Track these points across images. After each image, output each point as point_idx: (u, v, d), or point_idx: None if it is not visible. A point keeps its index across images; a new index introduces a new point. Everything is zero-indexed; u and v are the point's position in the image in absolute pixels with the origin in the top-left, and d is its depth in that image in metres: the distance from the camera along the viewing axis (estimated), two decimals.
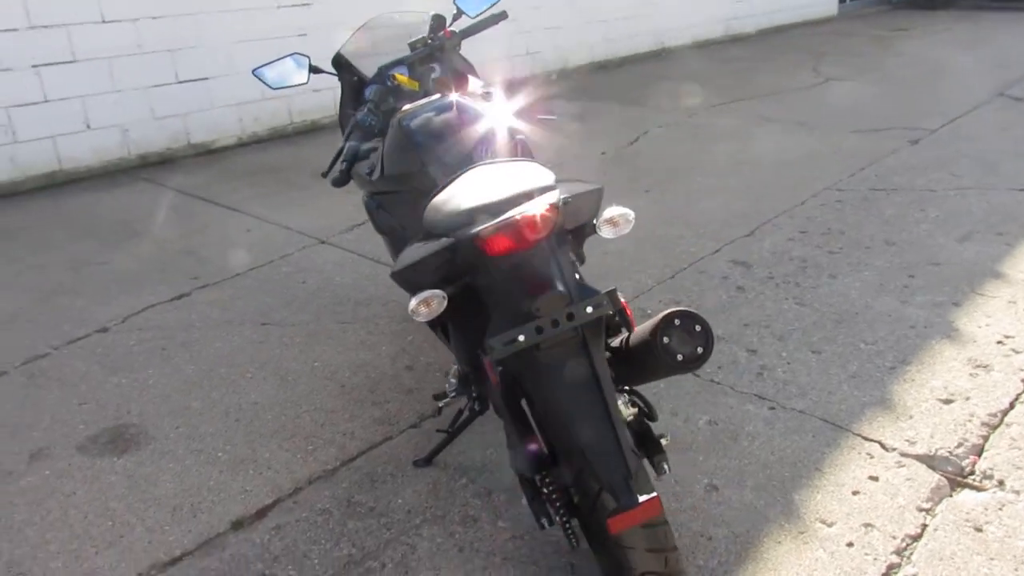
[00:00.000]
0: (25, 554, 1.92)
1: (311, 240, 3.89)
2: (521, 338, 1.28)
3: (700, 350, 1.49)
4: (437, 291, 1.36)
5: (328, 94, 6.25)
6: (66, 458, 2.28)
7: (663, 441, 1.72)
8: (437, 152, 1.96)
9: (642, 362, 1.52)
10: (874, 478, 2.10)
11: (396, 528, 1.98)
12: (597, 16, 8.33)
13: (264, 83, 2.45)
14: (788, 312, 3.00)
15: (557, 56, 8.09)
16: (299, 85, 2.47)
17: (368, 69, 2.49)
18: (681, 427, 2.33)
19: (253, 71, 2.46)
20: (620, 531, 1.26)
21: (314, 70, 2.47)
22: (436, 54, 2.36)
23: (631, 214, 1.44)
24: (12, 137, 4.76)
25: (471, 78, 2.51)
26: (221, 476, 2.19)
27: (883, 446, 2.22)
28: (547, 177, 1.43)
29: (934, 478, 2.09)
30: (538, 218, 1.23)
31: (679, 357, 1.49)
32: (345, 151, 2.17)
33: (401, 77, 2.39)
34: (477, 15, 2.52)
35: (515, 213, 1.26)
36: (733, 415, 2.38)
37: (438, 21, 2.50)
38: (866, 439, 2.25)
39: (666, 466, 1.66)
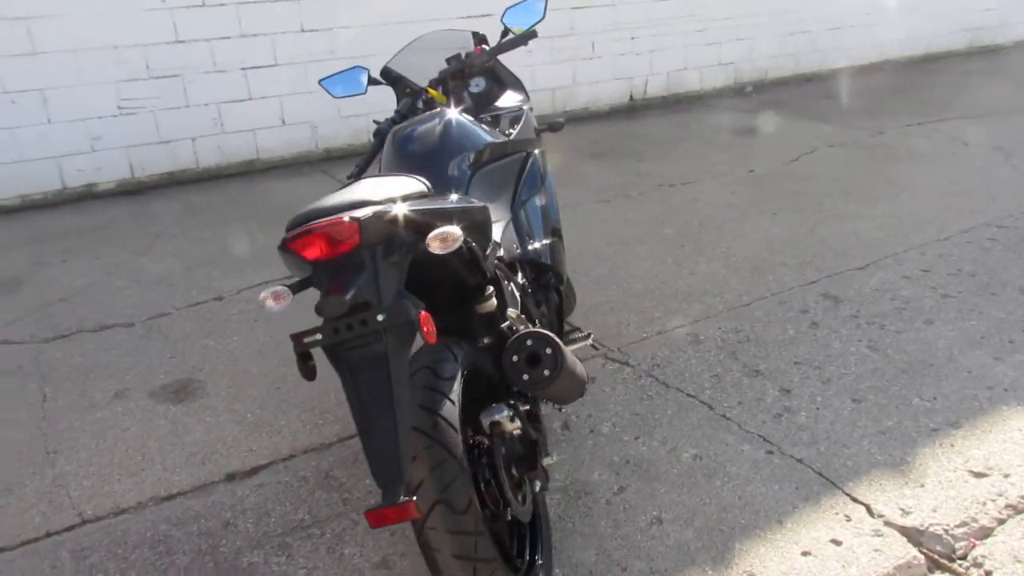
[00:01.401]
0: (71, 471, 2.36)
1: None
2: (318, 336, 1.40)
3: (546, 372, 1.51)
4: (283, 288, 1.49)
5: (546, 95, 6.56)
6: (137, 400, 2.72)
7: (547, 460, 1.73)
8: (420, 164, 2.10)
9: (501, 378, 1.56)
10: (836, 542, 1.92)
11: (351, 504, 2.17)
12: (802, 26, 7.87)
13: (329, 92, 2.73)
14: (851, 355, 2.76)
15: (753, 67, 7.77)
16: (358, 95, 2.72)
17: (418, 81, 2.68)
18: (663, 457, 2.27)
19: (320, 81, 2.74)
20: (376, 526, 1.33)
21: (372, 81, 2.70)
22: (472, 69, 2.48)
23: (457, 232, 1.47)
24: (220, 129, 5.58)
25: (509, 92, 2.62)
26: (239, 434, 2.51)
27: (869, 510, 2.02)
28: (392, 192, 1.49)
29: (910, 554, 1.87)
30: (329, 230, 1.31)
31: (524, 377, 1.52)
32: (362, 158, 2.37)
33: (432, 91, 2.56)
34: (528, 29, 2.61)
35: (316, 224, 1.37)
36: (723, 453, 2.28)
37: (478, 39, 2.63)
38: (854, 500, 2.06)
39: (538, 484, 1.68)
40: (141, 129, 5.32)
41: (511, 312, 1.74)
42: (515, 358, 1.52)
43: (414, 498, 1.31)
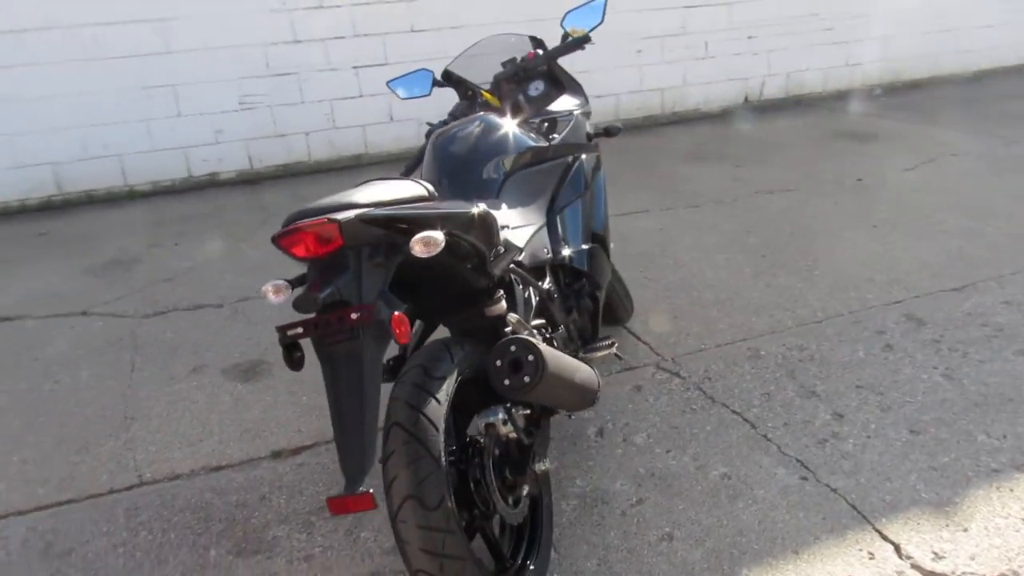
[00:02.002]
0: (140, 437, 2.58)
1: None
2: (300, 329, 1.47)
3: (526, 379, 1.52)
4: (283, 282, 1.57)
5: (611, 100, 6.54)
6: (211, 376, 2.94)
7: (540, 466, 1.74)
8: (454, 167, 2.15)
9: (486, 381, 1.59)
10: None
11: (377, 492, 2.25)
12: (945, 23, 7.34)
13: (395, 93, 2.83)
14: (922, 383, 2.58)
15: (884, 68, 7.33)
16: (422, 96, 2.80)
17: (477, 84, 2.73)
18: (690, 473, 2.22)
19: (388, 83, 2.86)
20: (334, 514, 1.39)
21: (437, 83, 2.77)
22: (525, 72, 2.50)
23: (438, 237, 1.49)
24: (332, 124, 5.86)
25: (565, 96, 2.62)
26: (291, 415, 2.65)
27: (898, 550, 1.90)
28: (387, 195, 1.54)
29: None
30: (305, 231, 1.37)
31: (506, 382, 1.54)
32: (412, 159, 2.45)
33: (487, 94, 2.60)
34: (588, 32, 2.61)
35: (301, 223, 1.43)
36: (754, 474, 2.20)
37: (535, 43, 2.65)
38: (883, 537, 1.94)
39: (526, 488, 1.70)
40: (259, 123, 5.68)
41: (511, 317, 1.76)
42: (498, 362, 1.54)
43: (371, 490, 1.37)
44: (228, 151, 5.67)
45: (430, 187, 1.66)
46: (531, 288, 1.99)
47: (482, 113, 2.31)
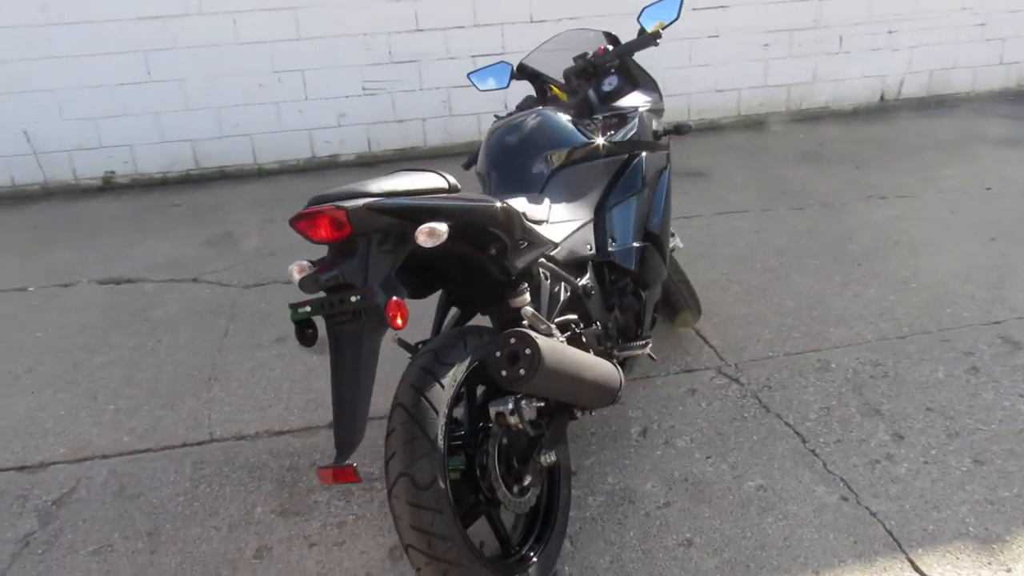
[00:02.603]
0: (219, 397, 2.80)
1: None
2: (308, 308, 1.55)
3: (522, 372, 1.55)
4: (307, 262, 1.65)
5: (733, 95, 6.35)
6: (291, 346, 3.13)
7: (545, 459, 1.77)
8: (502, 160, 2.20)
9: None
10: None
11: None
12: None
13: (475, 85, 2.90)
14: (1000, 410, 2.40)
15: None
16: (500, 89, 2.86)
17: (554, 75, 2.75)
18: (725, 481, 2.18)
19: (468, 75, 2.93)
20: (322, 482, 1.47)
21: (516, 77, 2.82)
22: (595, 67, 2.51)
23: (441, 228, 1.53)
24: (449, 111, 6.03)
25: (636, 93, 2.60)
26: None
27: None
28: (404, 186, 1.59)
29: None
30: (318, 216, 1.45)
31: (503, 373, 1.58)
32: (477, 150, 2.52)
33: (556, 88, 2.63)
34: (662, 29, 2.59)
35: (313, 209, 1.51)
36: (791, 489, 2.13)
37: (609, 38, 2.64)
38: (914, 568, 1.83)
39: (528, 479, 1.73)
40: (380, 109, 5.92)
41: (526, 310, 1.79)
42: (498, 353, 1.58)
43: (355, 464, 1.45)
44: (349, 134, 5.96)
45: (452, 180, 1.71)
46: (562, 283, 2.01)
47: (540, 107, 2.34)
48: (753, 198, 4.51)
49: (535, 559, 1.83)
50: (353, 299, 1.48)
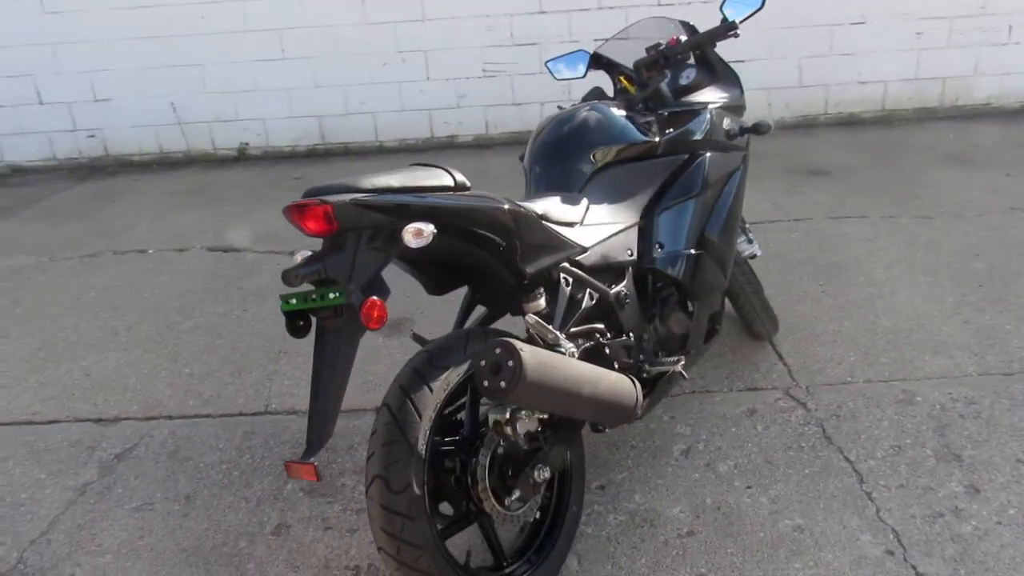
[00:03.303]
0: (282, 371, 2.90)
1: None
2: (293, 301, 1.53)
3: (502, 384, 1.48)
4: (310, 252, 1.63)
5: (877, 87, 5.87)
6: None
7: (540, 475, 1.69)
8: (546, 154, 2.12)
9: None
10: None
11: None
12: None
13: (552, 74, 2.81)
14: None
15: None
16: (577, 78, 2.75)
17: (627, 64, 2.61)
18: (761, 516, 2.01)
19: (546, 62, 2.84)
20: (289, 476, 1.46)
21: (592, 66, 2.71)
22: (665, 59, 2.36)
23: (427, 228, 1.46)
24: (568, 96, 5.90)
25: (710, 88, 2.44)
26: None
27: None
28: (401, 182, 1.53)
29: None
30: (306, 209, 1.42)
31: (485, 383, 1.51)
32: None
33: (624, 80, 2.49)
34: (741, 20, 2.41)
35: (302, 201, 1.48)
36: (833, 534, 1.93)
37: (688, 29, 2.47)
38: None
39: (518, 493, 1.66)
40: (499, 91, 5.91)
41: (530, 317, 1.71)
42: (482, 363, 1.52)
43: (315, 463, 1.44)
44: (468, 115, 6.00)
45: (460, 178, 1.66)
46: (588, 290, 1.90)
47: (596, 101, 2.23)
48: (877, 202, 4.14)
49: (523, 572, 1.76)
50: (332, 296, 1.47)
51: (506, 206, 1.65)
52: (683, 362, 2.00)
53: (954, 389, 2.48)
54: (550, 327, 1.71)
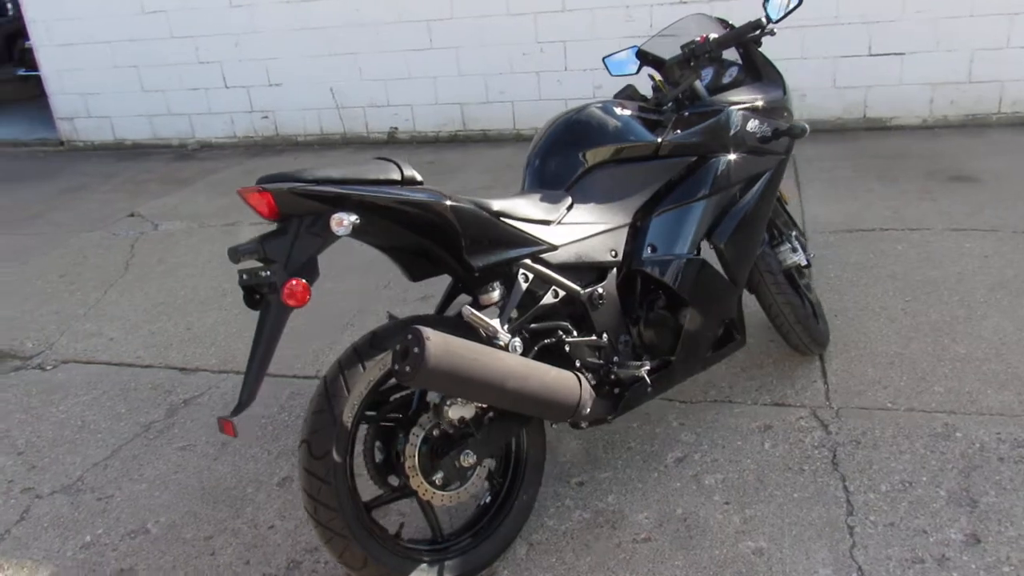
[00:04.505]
0: (342, 342, 3.13)
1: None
2: (245, 277, 1.67)
3: (407, 369, 1.57)
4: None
5: None
6: (429, 306, 3.37)
7: (464, 460, 1.76)
8: (541, 151, 2.15)
9: None
10: None
11: None
12: None
13: (607, 70, 2.81)
14: None
15: None
16: (630, 75, 2.73)
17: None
18: (726, 534, 1.95)
19: (603, 59, 2.84)
20: (220, 431, 1.62)
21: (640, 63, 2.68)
22: (695, 57, 2.31)
23: (347, 218, 1.55)
24: None
25: (745, 88, 2.35)
26: None
27: None
28: (352, 173, 1.63)
29: None
30: (252, 195, 1.55)
31: (395, 366, 1.61)
32: None
33: (657, 78, 2.45)
34: (778, 19, 2.31)
35: (249, 187, 1.60)
36: (792, 564, 1.84)
37: (725, 26, 2.39)
38: None
39: (440, 474, 1.75)
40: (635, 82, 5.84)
41: (465, 309, 1.77)
42: (397, 347, 1.61)
43: (234, 421, 1.61)
44: None
45: (409, 172, 1.74)
46: (552, 287, 1.93)
47: (603, 99, 2.23)
48: (1017, 216, 3.70)
49: (458, 555, 1.84)
50: (263, 274, 1.63)
51: (447, 202, 1.72)
52: (647, 367, 1.97)
53: (1005, 429, 2.22)
54: (487, 320, 1.77)
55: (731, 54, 2.51)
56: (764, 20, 2.26)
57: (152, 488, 2.35)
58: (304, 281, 1.61)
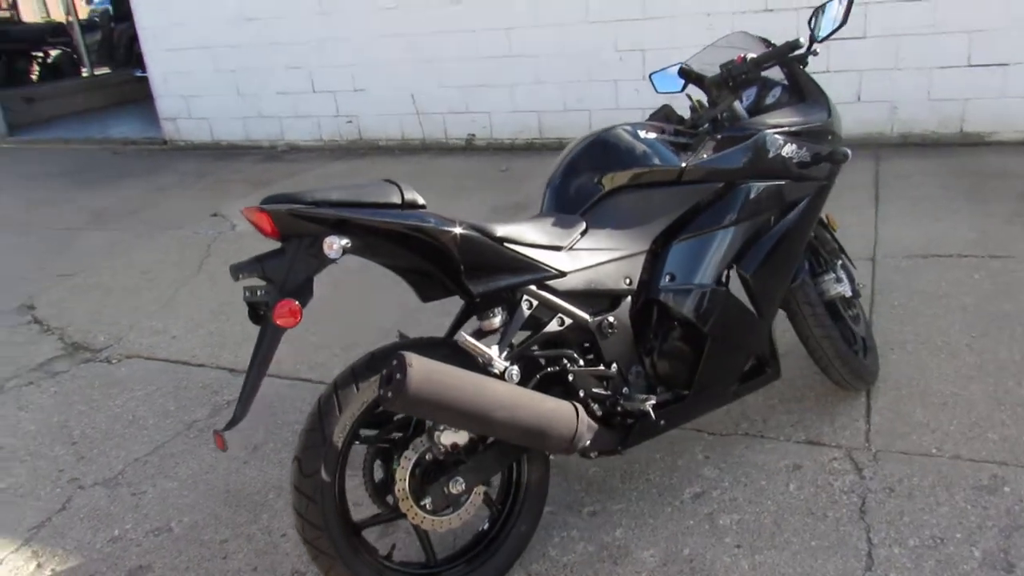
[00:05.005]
0: None
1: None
2: (247, 294, 1.70)
3: (389, 395, 1.57)
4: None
5: None
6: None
7: (453, 488, 1.75)
8: (561, 174, 2.11)
9: None
10: None
11: None
12: None
13: (654, 86, 2.73)
14: None
15: None
16: (676, 92, 2.65)
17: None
18: None
19: (650, 75, 2.76)
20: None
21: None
22: (731, 77, 2.22)
23: (336, 242, 1.55)
24: None
25: (784, 110, 2.25)
26: None
27: None
28: (353, 196, 1.63)
29: None
30: (254, 214, 1.60)
31: (380, 392, 1.62)
32: None
33: (694, 98, 2.37)
34: (823, 39, 2.20)
35: (251, 207, 1.62)
36: None
37: (767, 45, 2.29)
38: None
39: (429, 500, 1.74)
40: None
41: (460, 335, 1.75)
42: (384, 371, 1.62)
43: (223, 435, 1.65)
44: None
45: (410, 196, 1.74)
46: (559, 315, 1.88)
47: (626, 123, 2.17)
48: None
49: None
50: (259, 293, 1.67)
51: (443, 227, 1.71)
52: (652, 401, 1.90)
53: None
54: (482, 347, 1.75)
55: (777, 74, 2.40)
56: (802, 40, 2.15)
57: (182, 487, 2.44)
58: (296, 303, 1.64)
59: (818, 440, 2.33)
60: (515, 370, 1.79)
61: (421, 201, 1.77)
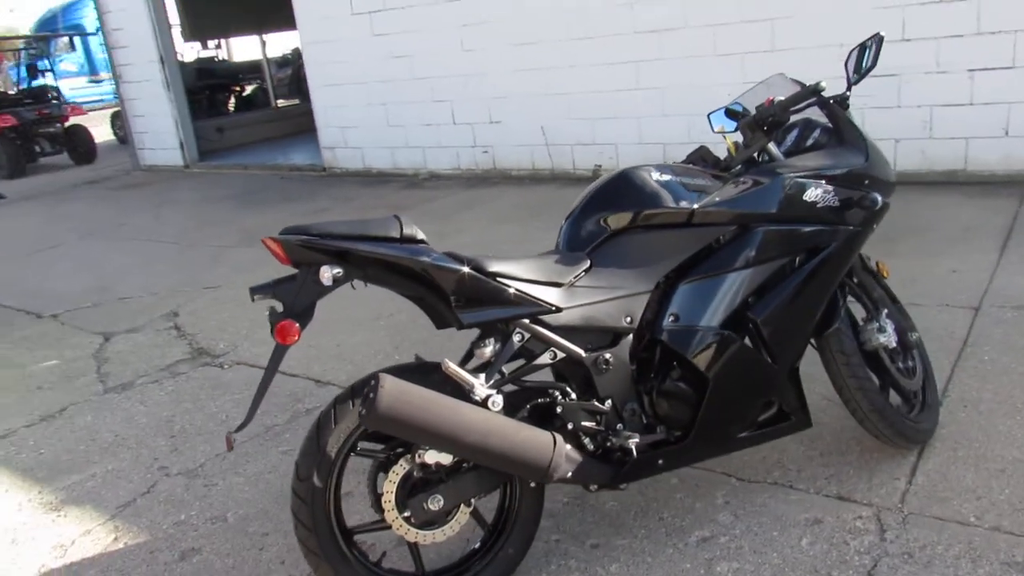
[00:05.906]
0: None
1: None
2: (268, 313, 1.88)
3: (362, 412, 1.72)
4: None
5: None
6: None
7: (431, 505, 1.86)
8: (578, 210, 2.18)
9: None
10: None
11: None
12: None
13: (710, 125, 2.73)
14: None
15: None
16: (731, 132, 2.64)
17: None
18: None
19: (708, 114, 2.76)
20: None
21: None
22: (761, 121, 2.21)
23: (328, 271, 1.70)
24: (929, 133, 5.21)
25: (817, 154, 2.21)
26: None
27: None
28: (360, 229, 1.78)
29: None
30: (270, 243, 1.80)
31: (361, 411, 1.77)
32: None
33: (728, 139, 2.37)
34: (855, 81, 2.16)
35: (270, 236, 1.80)
36: None
37: (805, 88, 2.25)
38: None
39: (408, 513, 1.86)
40: None
41: (444, 362, 1.86)
42: (363, 389, 1.77)
43: (232, 438, 1.86)
44: None
45: (409, 231, 1.89)
46: (552, 349, 1.96)
47: (645, 164, 2.20)
48: None
49: None
50: (267, 313, 1.88)
51: (433, 261, 1.84)
52: (636, 439, 1.92)
53: None
54: (464, 374, 1.86)
55: (822, 116, 2.36)
56: (824, 84, 2.11)
57: (247, 483, 2.72)
58: (296, 324, 1.84)
59: (849, 496, 2.23)
60: (499, 398, 1.88)
61: (421, 236, 1.92)
